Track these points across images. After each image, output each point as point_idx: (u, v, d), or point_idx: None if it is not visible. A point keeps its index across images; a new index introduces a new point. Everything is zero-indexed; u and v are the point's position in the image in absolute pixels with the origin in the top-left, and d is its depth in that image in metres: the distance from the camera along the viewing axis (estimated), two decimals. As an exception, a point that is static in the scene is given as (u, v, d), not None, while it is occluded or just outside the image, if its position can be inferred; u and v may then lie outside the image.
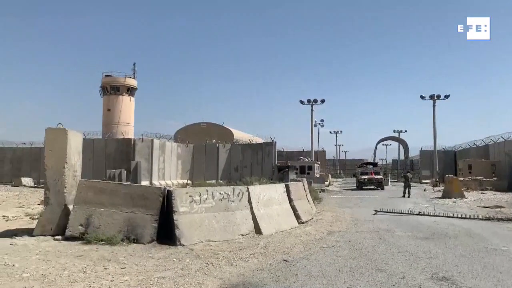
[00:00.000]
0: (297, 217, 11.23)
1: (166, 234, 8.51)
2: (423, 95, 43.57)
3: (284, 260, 7.05)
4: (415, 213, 14.09)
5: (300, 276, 6.00)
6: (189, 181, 34.25)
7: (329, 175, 45.77)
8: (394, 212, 14.36)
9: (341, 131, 73.97)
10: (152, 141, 32.55)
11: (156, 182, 30.12)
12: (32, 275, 5.73)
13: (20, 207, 15.63)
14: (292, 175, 30.07)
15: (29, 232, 8.95)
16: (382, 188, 32.01)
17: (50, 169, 9.18)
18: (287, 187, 11.62)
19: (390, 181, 42.72)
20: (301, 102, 42.62)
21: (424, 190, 31.20)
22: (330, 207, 16.83)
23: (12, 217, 12.34)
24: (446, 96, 42.99)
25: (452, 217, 13.13)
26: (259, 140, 42.22)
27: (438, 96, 42.95)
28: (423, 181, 43.63)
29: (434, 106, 42.96)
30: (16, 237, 8.53)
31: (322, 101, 42.69)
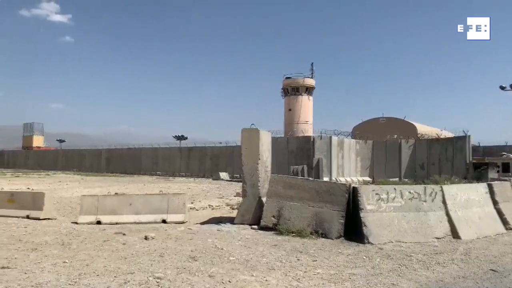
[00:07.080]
0: (504, 222, 9.64)
1: (351, 230, 8.47)
2: None
3: (492, 270, 6.14)
4: None
5: (516, 291, 5.12)
6: (370, 179, 33.40)
7: (542, 174, 37.96)
8: None
9: (558, 121, 60.54)
10: (330, 138, 32.94)
11: (336, 179, 30.38)
12: (237, 259, 6.46)
13: (220, 197, 18.00)
14: (492, 174, 26.19)
15: (230, 220, 10.19)
16: None
17: (246, 165, 10.21)
18: (490, 187, 10.09)
19: None
20: (502, 88, 36.32)
21: None
22: (547, 213, 13.90)
23: (216, 206, 14.32)
24: None
25: None
26: (448, 134, 38.10)
27: None
28: None
29: None
30: (221, 224, 9.83)
31: (531, 85, 35.51)
